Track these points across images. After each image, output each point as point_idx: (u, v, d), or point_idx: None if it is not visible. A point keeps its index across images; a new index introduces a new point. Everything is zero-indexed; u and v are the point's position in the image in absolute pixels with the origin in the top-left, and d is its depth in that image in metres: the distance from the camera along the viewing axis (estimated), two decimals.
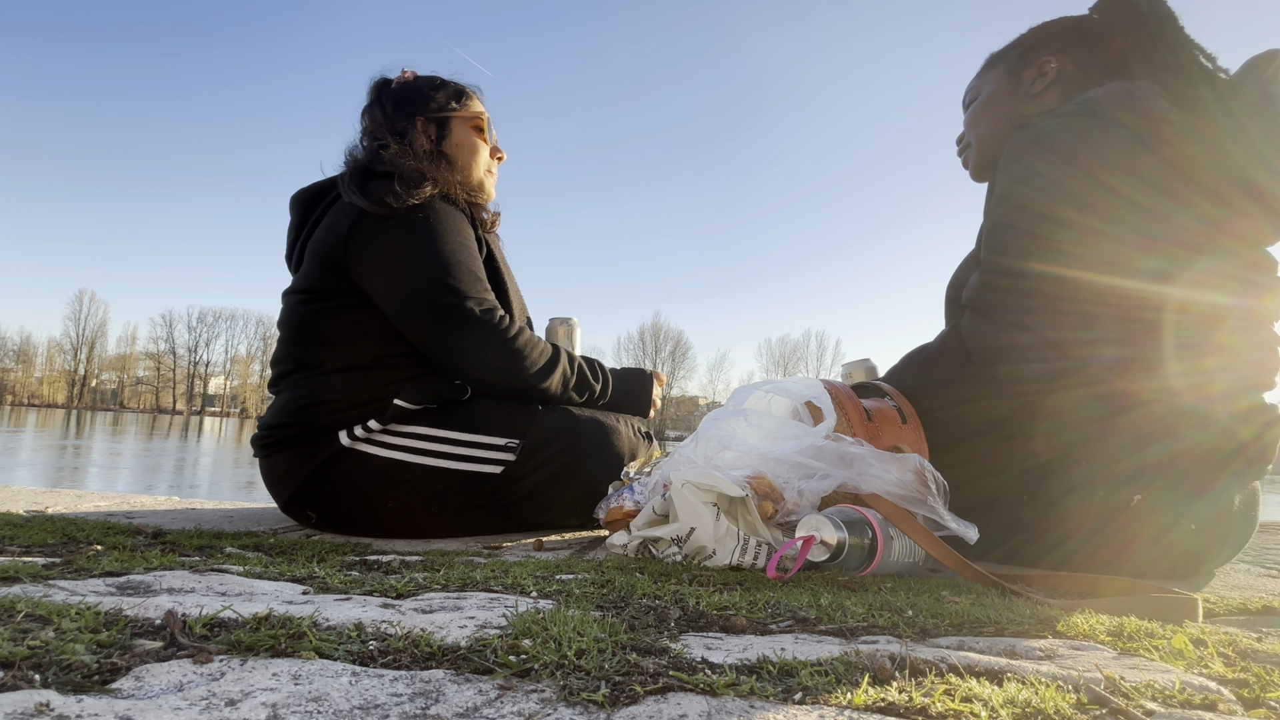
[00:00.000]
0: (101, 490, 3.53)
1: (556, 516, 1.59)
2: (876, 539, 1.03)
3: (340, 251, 1.46)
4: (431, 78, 1.64)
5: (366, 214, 1.44)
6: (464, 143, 1.62)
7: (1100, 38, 1.38)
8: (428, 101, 1.59)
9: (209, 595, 0.69)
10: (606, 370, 1.68)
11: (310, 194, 1.65)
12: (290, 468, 1.48)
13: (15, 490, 1.91)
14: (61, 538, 1.07)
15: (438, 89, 1.62)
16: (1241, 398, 1.22)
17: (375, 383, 1.46)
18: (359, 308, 1.47)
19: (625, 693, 0.46)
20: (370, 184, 1.47)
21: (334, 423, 1.45)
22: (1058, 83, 1.40)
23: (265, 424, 1.54)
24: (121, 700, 0.41)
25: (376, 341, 1.47)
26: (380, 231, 1.44)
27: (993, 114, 1.47)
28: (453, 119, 1.61)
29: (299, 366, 1.51)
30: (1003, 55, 1.49)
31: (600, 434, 1.59)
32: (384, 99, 1.60)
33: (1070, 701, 0.47)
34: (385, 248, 1.44)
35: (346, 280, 1.47)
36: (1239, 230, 1.19)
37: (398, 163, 1.49)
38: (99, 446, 13.20)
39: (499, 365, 1.45)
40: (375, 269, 1.44)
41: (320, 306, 1.50)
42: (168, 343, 70.76)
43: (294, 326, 1.53)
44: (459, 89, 1.64)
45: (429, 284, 1.42)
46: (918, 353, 1.42)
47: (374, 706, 0.43)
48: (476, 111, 1.64)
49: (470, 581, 0.83)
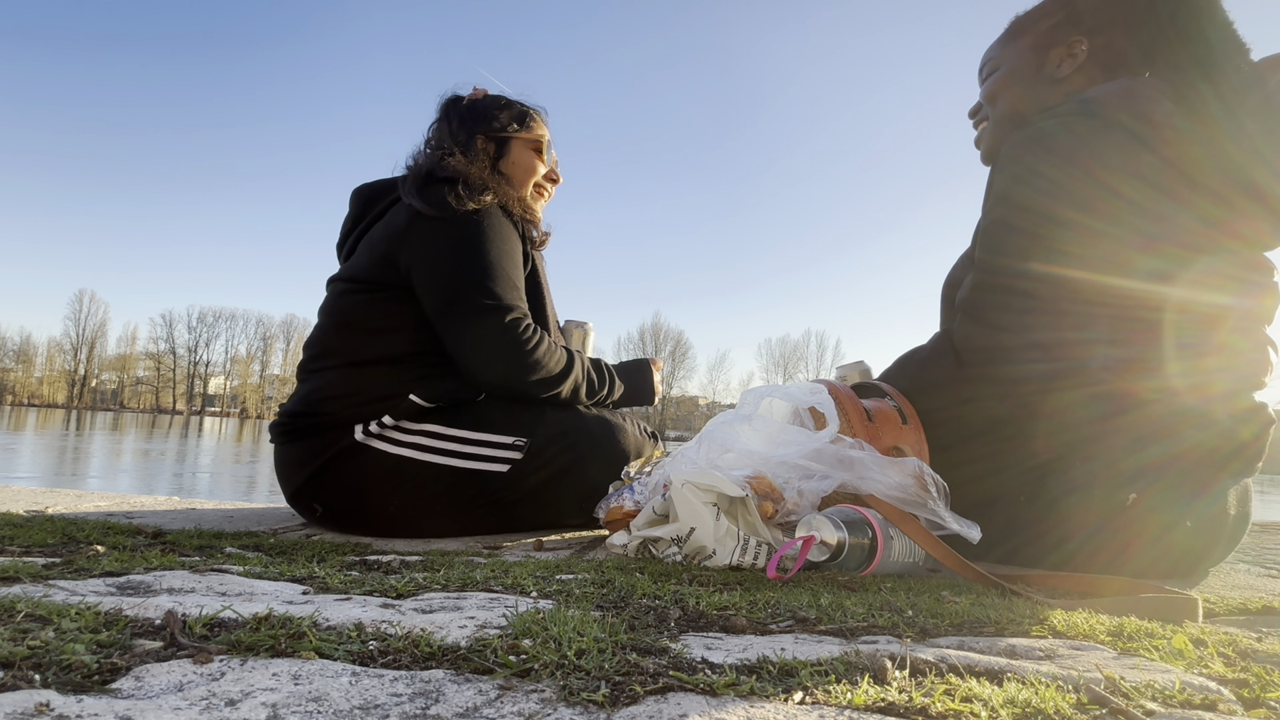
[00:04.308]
0: (101, 490, 3.54)
1: (560, 515, 1.60)
2: (876, 539, 1.03)
3: (395, 245, 1.50)
4: (498, 97, 1.71)
5: (423, 215, 1.49)
6: (520, 162, 1.67)
7: (1133, 18, 1.30)
8: (490, 120, 1.65)
9: (209, 595, 0.69)
10: (612, 370, 1.71)
11: (374, 189, 1.70)
12: (302, 458, 1.50)
13: (15, 490, 1.91)
14: (61, 538, 1.07)
15: (502, 109, 1.68)
16: (1240, 398, 1.22)
17: (397, 379, 1.48)
18: (399, 301, 1.51)
19: (625, 693, 0.46)
20: (430, 188, 1.52)
21: (351, 417, 1.47)
22: (1086, 67, 1.33)
23: (286, 410, 1.57)
24: (121, 700, 0.41)
25: (409, 337, 1.51)
26: (435, 230, 1.49)
27: (1014, 93, 1.39)
28: (513, 139, 1.67)
29: (328, 352, 1.54)
30: (1029, 24, 1.40)
31: (606, 432, 1.61)
32: (452, 114, 1.67)
33: (1070, 701, 0.47)
34: (437, 243, 1.48)
35: (394, 274, 1.51)
36: (1239, 230, 1.19)
37: (461, 169, 1.55)
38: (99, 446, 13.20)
39: (514, 374, 1.48)
40: (423, 260, 1.48)
41: (363, 297, 1.53)
42: (168, 343, 70.84)
43: (334, 313, 1.57)
44: (523, 110, 1.70)
45: (468, 283, 1.45)
46: (911, 355, 1.42)
47: (374, 706, 0.43)
48: (539, 135, 1.69)
49: (470, 581, 0.83)
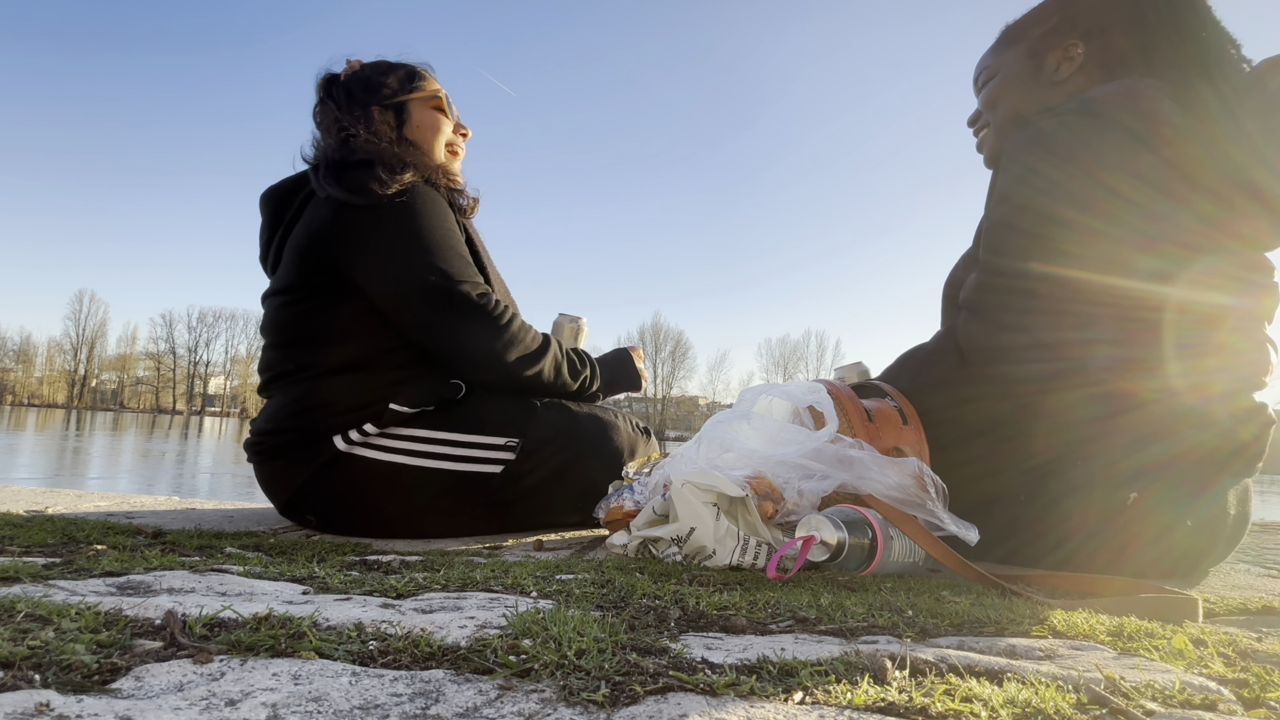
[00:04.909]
0: (101, 490, 3.54)
1: (558, 514, 1.58)
2: (876, 539, 1.03)
3: (324, 246, 1.41)
4: (379, 63, 1.57)
5: (349, 205, 1.39)
6: (424, 123, 1.55)
7: (1131, 20, 1.30)
8: (380, 88, 1.52)
9: (209, 595, 0.69)
10: (592, 358, 1.66)
11: (282, 190, 1.60)
12: (287, 473, 1.45)
13: (15, 490, 1.91)
14: (61, 538, 1.07)
15: (388, 73, 1.54)
16: (1241, 398, 1.22)
17: (368, 385, 1.42)
18: (344, 303, 1.43)
19: (625, 693, 0.46)
20: (347, 174, 1.40)
21: (329, 427, 1.41)
22: (1086, 68, 1.33)
23: (258, 429, 1.49)
24: (121, 700, 0.41)
25: (366, 339, 1.44)
26: (367, 221, 1.39)
27: (1014, 97, 1.39)
28: (410, 102, 1.54)
29: (286, 371, 1.46)
30: (1022, 30, 1.40)
31: (599, 430, 1.58)
32: (335, 93, 1.53)
33: (1070, 701, 0.47)
34: (374, 237, 1.39)
35: (331, 276, 1.42)
36: (1239, 230, 1.19)
37: (373, 149, 1.43)
38: (99, 446, 13.20)
39: (495, 351, 1.41)
40: (365, 260, 1.40)
41: (305, 307, 1.45)
42: (168, 343, 70.83)
43: (279, 330, 1.48)
44: (410, 70, 1.57)
45: (423, 270, 1.38)
46: (912, 353, 1.41)
47: (374, 706, 0.43)
48: (434, 90, 1.57)
49: (470, 581, 0.83)
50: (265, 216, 1.63)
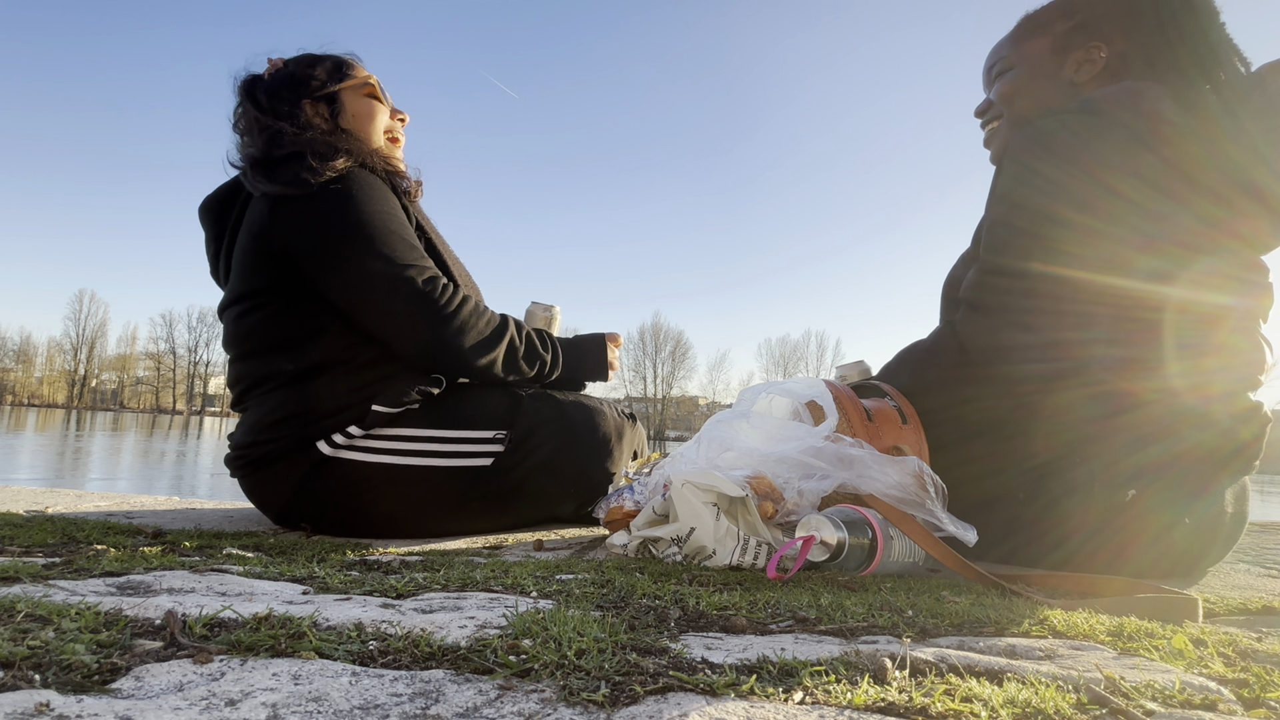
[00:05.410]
0: (101, 490, 3.54)
1: (552, 504, 1.57)
2: (876, 539, 1.03)
3: (267, 244, 1.37)
4: (303, 56, 1.52)
5: (284, 198, 1.34)
6: (360, 111, 1.51)
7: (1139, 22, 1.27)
8: (308, 81, 1.47)
9: (209, 595, 0.69)
10: (557, 341, 1.61)
11: (219, 198, 1.55)
12: (274, 484, 1.42)
13: (15, 490, 1.91)
14: (61, 538, 1.07)
15: (314, 65, 1.50)
16: (1240, 398, 1.22)
17: (346, 386, 1.39)
18: (302, 301, 1.39)
19: (625, 693, 0.46)
20: (278, 169, 1.36)
21: (311, 434, 1.38)
22: (1103, 75, 1.31)
23: (237, 443, 1.45)
24: (121, 700, 0.41)
25: (333, 336, 1.39)
26: (305, 212, 1.34)
27: (1035, 93, 1.35)
28: (342, 91, 1.50)
29: (257, 381, 1.42)
30: (1047, 22, 1.36)
31: (585, 417, 1.57)
32: (257, 94, 1.47)
33: (1070, 701, 0.47)
34: (313, 227, 1.35)
35: (281, 275, 1.38)
36: (1239, 230, 1.19)
37: (301, 141, 1.38)
38: (99, 446, 13.19)
39: (443, 337, 1.37)
40: (308, 251, 1.36)
41: (264, 313, 1.41)
42: (168, 343, 70.88)
43: (241, 340, 1.44)
44: (338, 60, 1.52)
45: (365, 258, 1.33)
46: (911, 351, 1.41)
47: (374, 706, 0.43)
48: (364, 77, 1.53)
49: (470, 581, 0.83)
50: (207, 228, 1.58)
